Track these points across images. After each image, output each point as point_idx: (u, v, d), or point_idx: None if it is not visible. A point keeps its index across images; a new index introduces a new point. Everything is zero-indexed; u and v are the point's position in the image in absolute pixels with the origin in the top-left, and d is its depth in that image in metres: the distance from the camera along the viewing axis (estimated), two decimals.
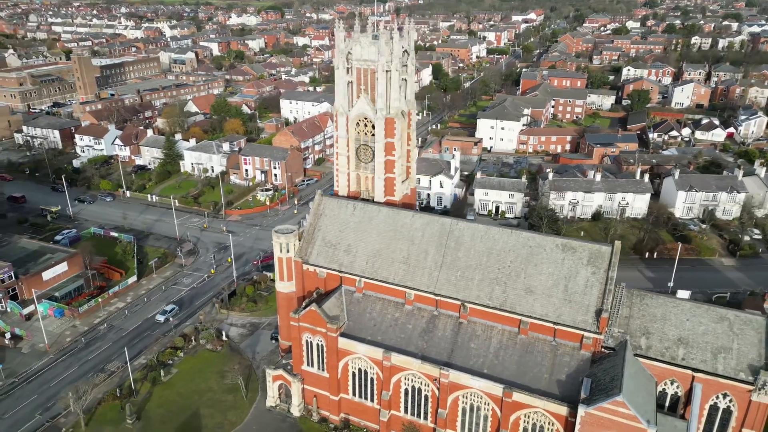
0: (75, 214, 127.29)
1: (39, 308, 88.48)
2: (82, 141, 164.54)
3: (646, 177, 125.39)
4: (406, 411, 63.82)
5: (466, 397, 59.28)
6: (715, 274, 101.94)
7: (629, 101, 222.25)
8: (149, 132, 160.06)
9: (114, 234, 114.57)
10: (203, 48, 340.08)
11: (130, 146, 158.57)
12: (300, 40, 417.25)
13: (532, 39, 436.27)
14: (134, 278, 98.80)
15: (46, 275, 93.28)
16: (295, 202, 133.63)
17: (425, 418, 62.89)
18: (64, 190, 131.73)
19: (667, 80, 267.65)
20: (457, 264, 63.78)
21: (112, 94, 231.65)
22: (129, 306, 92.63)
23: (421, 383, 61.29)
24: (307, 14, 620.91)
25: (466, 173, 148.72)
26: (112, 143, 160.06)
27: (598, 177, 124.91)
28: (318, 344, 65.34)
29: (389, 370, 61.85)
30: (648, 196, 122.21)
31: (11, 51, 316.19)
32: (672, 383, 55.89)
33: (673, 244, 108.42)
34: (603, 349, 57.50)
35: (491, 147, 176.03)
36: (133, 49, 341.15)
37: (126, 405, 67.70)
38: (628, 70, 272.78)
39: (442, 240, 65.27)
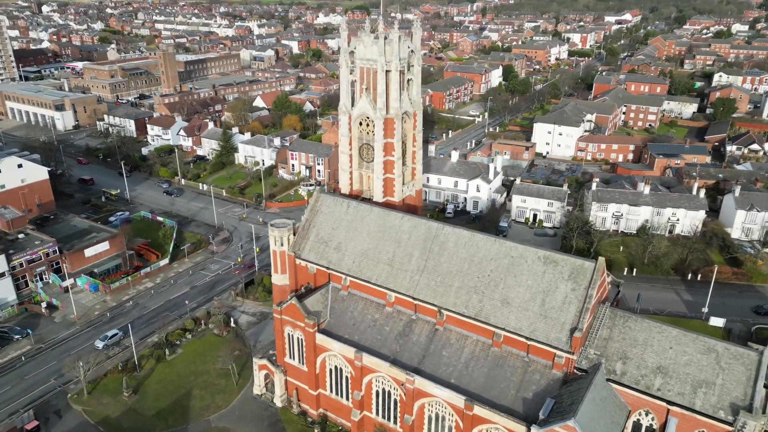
0: (132, 198, 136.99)
1: (78, 282, 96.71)
2: (152, 131, 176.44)
3: (702, 192, 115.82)
4: (377, 413, 63.57)
5: (432, 406, 58.14)
6: (763, 303, 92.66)
7: (712, 110, 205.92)
8: (210, 124, 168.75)
9: (160, 218, 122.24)
10: (284, 46, 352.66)
11: (192, 137, 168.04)
12: None
13: (622, 41, 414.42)
14: (166, 261, 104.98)
15: (89, 252, 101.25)
16: None
17: (395, 422, 62.34)
18: (126, 175, 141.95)
19: (766, 88, 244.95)
20: (439, 269, 62.57)
21: (191, 88, 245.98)
22: (156, 287, 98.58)
23: (391, 387, 60.82)
24: (392, 14, 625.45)
25: (511, 178, 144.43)
26: (177, 134, 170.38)
27: (647, 190, 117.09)
28: (298, 338, 66.56)
29: (360, 370, 61.88)
30: (702, 213, 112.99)
31: (113, 46, 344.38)
32: (647, 414, 51.83)
33: (722, 266, 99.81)
34: (576, 371, 54.32)
35: (547, 153, 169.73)
36: (220, 46, 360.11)
37: (123, 379, 72.35)
38: (720, 76, 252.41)
39: (427, 244, 64.28)
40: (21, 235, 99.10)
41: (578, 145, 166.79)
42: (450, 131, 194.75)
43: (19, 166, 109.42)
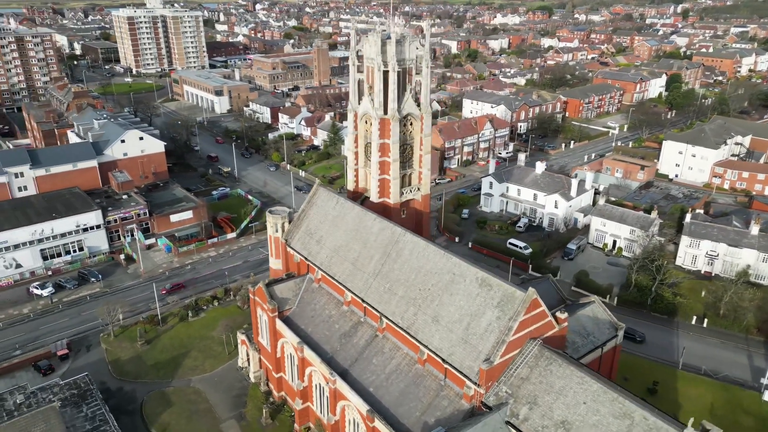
0: (240, 176, 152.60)
1: (158, 242, 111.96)
2: (282, 119, 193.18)
3: None
4: (317, 406, 64.54)
5: (350, 409, 57.59)
6: None
7: None
8: (327, 117, 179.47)
9: (250, 197, 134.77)
10: (442, 46, 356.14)
11: (311, 128, 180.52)
12: (547, 42, 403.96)
13: None
14: (234, 235, 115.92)
15: (173, 218, 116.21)
16: None
17: (328, 419, 62.75)
18: (246, 156, 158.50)
19: None
20: (390, 276, 61.21)
21: (341, 83, 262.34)
22: (216, 256, 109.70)
23: (323, 383, 61.40)
24: (576, 15, 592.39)
25: (613, 198, 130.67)
26: (299, 123, 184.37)
27: (755, 229, 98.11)
28: (265, 321, 70.08)
29: (302, 361, 63.42)
30: None
31: (291, 41, 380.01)
32: None
33: None
34: (482, 406, 49.69)
35: (676, 175, 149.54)
36: None
37: (139, 329, 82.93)
38: None
39: (388, 248, 63.15)
40: (125, 197, 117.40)
41: (714, 170, 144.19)
42: (573, 142, 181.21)
43: (140, 138, 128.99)
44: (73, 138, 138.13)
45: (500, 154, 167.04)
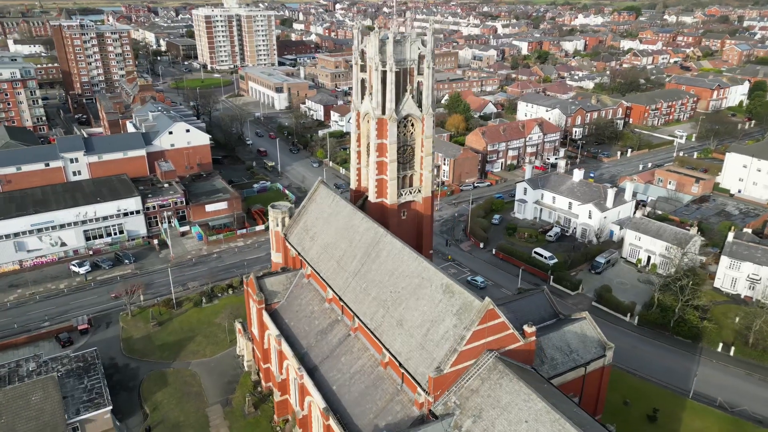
0: (283, 171, 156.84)
1: (192, 230, 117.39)
2: (333, 117, 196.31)
3: None
4: (294, 399, 65.34)
5: (315, 405, 57.94)
6: None
7: None
8: None
9: (287, 192, 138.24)
10: (512, 47, 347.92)
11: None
12: (628, 44, 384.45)
13: None
14: (263, 227, 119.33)
15: (209, 208, 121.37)
16: (436, 201, 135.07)
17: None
18: (294, 152, 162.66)
19: None
20: (368, 276, 60.99)
21: None
22: (242, 247, 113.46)
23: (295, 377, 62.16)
24: (666, 16, 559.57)
25: (659, 212, 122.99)
26: (348, 121, 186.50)
27: None
28: (255, 312, 71.76)
29: (280, 354, 64.50)
30: None
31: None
32: None
33: None
34: (430, 414, 48.54)
35: (739, 191, 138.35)
36: (454, 43, 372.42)
37: (151, 311, 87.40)
38: None
39: (369, 249, 62.95)
40: (166, 185, 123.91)
41: None
42: (630, 150, 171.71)
43: (187, 131, 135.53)
44: (130, 128, 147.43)
45: (548, 159, 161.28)
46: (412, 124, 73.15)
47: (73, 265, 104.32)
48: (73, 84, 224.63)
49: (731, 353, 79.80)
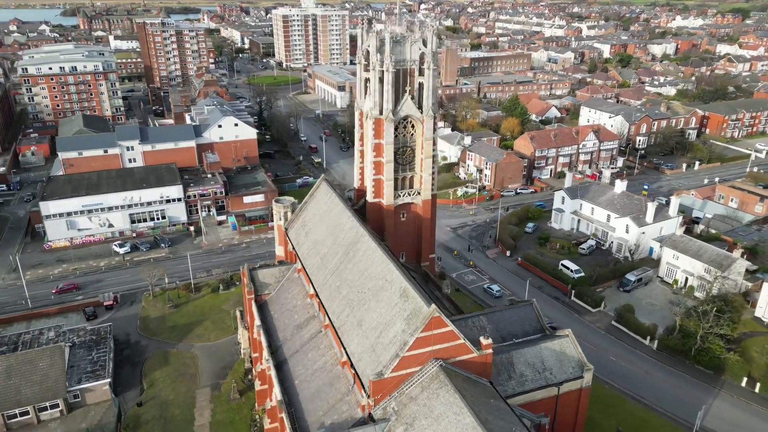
0: (328, 168, 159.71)
1: (228, 219, 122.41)
2: None
3: None
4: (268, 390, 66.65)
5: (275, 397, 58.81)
6: None
7: None
8: None
9: None
10: (593, 49, 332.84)
11: None
12: (725, 49, 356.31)
13: None
14: None
15: (246, 199, 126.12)
16: (472, 205, 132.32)
17: None
18: (344, 149, 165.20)
19: None
20: (343, 275, 61.08)
21: (466, 84, 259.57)
22: (271, 239, 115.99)
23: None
24: None
25: (712, 230, 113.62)
26: None
27: None
28: (247, 302, 73.76)
29: (259, 344, 65.94)
30: None
31: None
32: None
33: None
34: (369, 418, 47.91)
35: None
36: (533, 44, 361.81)
37: (168, 294, 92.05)
38: None
39: (348, 248, 63.00)
40: (209, 175, 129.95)
41: None
42: (698, 162, 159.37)
43: (235, 125, 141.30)
44: (188, 120, 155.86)
45: (603, 168, 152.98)
46: (413, 126, 72.29)
47: (116, 245, 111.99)
48: (153, 78, 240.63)
49: (756, 390, 72.31)
